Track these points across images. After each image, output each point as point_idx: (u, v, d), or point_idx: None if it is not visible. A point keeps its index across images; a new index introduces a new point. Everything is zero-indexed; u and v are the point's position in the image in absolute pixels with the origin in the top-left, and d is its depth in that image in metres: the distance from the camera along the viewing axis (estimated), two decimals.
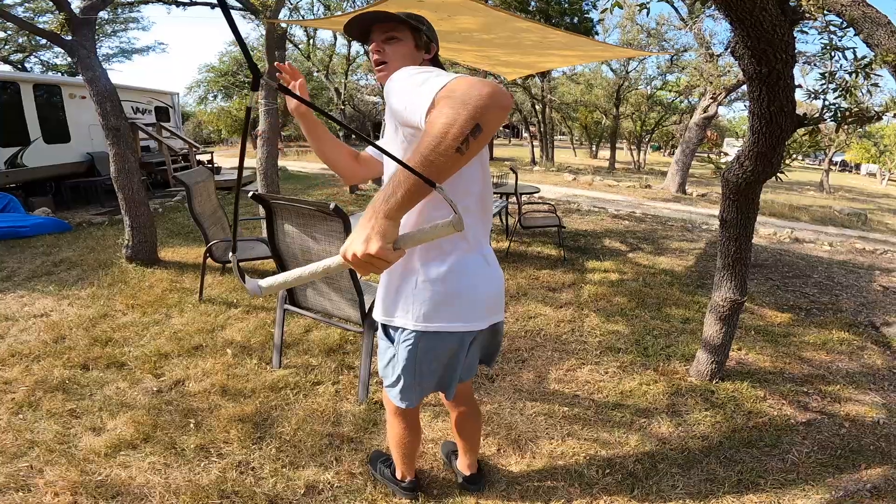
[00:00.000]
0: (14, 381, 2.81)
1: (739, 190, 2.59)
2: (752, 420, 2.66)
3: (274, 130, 5.29)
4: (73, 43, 4.44)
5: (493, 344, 1.75)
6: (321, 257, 2.61)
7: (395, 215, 0.98)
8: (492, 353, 1.78)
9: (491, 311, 1.55)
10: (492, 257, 1.57)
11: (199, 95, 26.68)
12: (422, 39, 1.52)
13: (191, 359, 3.10)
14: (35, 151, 7.98)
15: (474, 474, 2.09)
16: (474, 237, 1.46)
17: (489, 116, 0.92)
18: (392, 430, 1.88)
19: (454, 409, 1.95)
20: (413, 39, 1.50)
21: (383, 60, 1.48)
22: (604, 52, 5.36)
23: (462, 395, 1.90)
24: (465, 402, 1.93)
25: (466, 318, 1.49)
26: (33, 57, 17.93)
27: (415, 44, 1.51)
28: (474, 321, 1.51)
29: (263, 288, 1.07)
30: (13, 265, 4.87)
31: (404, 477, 2.02)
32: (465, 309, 1.47)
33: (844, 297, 4.72)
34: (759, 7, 1.77)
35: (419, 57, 1.52)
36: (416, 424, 1.89)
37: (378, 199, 0.98)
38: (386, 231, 0.97)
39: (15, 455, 2.22)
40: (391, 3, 3.29)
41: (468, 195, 1.39)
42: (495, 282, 1.55)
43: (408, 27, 1.49)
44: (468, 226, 1.33)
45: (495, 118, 0.94)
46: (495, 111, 0.93)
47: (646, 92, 22.26)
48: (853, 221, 10.89)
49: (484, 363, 1.81)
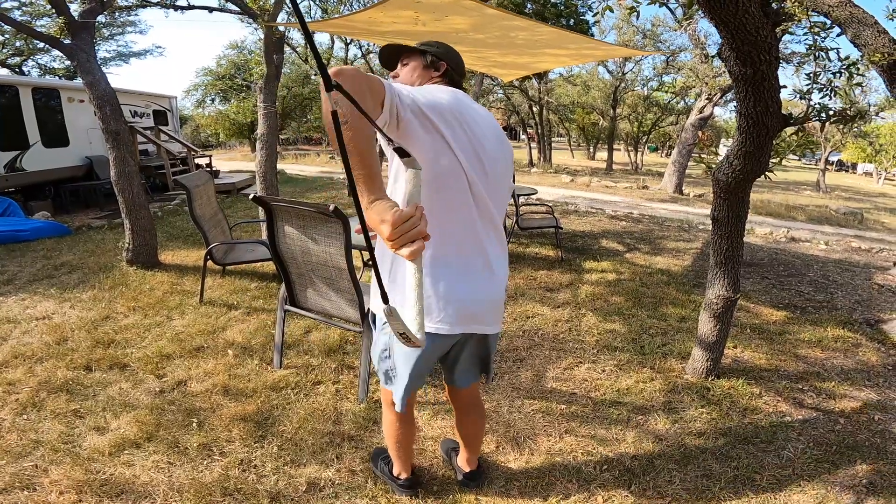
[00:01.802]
0: (18, 383, 2.83)
1: (730, 189, 2.63)
2: (748, 417, 2.69)
3: (273, 133, 5.32)
4: (72, 47, 4.47)
5: (479, 356, 1.82)
6: (321, 258, 2.65)
7: (368, 201, 1.06)
8: (481, 367, 1.87)
9: (464, 320, 1.56)
10: (475, 264, 1.56)
11: (197, 99, 26.66)
12: (427, 59, 1.67)
13: (192, 360, 3.13)
14: (34, 155, 8.00)
15: (473, 471, 2.13)
16: (435, 240, 1.40)
17: (340, 78, 1.04)
18: (387, 422, 1.93)
19: (460, 408, 1.98)
20: (420, 60, 1.68)
21: (396, 75, 1.73)
22: (596, 51, 5.39)
23: (469, 396, 1.93)
24: (472, 404, 1.97)
25: (435, 321, 1.52)
26: (31, 60, 17.93)
27: (422, 63, 1.68)
28: (441, 325, 1.53)
29: (420, 338, 1.06)
30: (14, 269, 4.89)
31: (400, 474, 2.06)
32: (433, 312, 1.51)
33: (840, 294, 4.77)
34: (742, 10, 1.81)
35: (428, 73, 1.67)
36: (411, 417, 1.94)
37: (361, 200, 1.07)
38: (379, 211, 1.02)
39: (20, 455, 2.25)
40: (390, 4, 3.33)
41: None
42: (467, 289, 1.55)
43: (417, 52, 1.69)
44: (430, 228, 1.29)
45: (346, 76, 1.08)
46: (344, 74, 1.07)
47: (642, 93, 22.35)
48: (849, 220, 10.95)
49: (483, 373, 1.88)
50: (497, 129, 1.59)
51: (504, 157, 1.59)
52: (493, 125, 1.57)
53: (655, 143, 34.77)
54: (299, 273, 2.84)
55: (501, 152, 1.58)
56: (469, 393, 1.92)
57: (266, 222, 2.74)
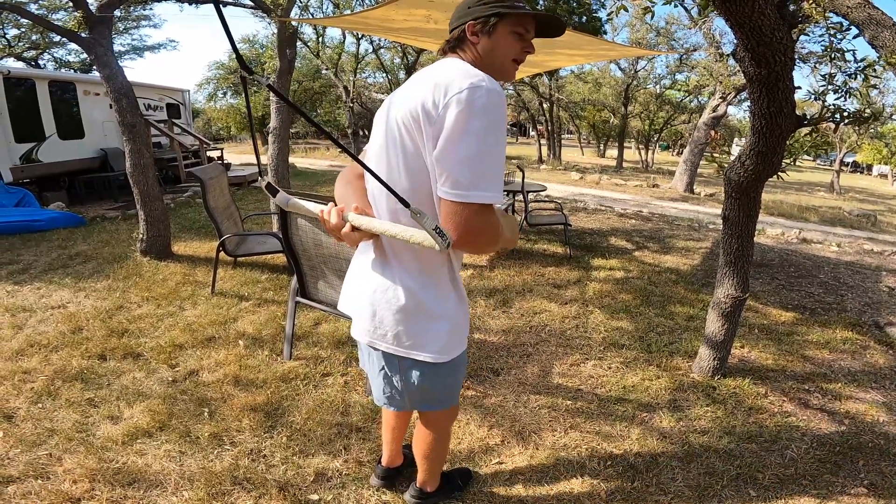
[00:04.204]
0: (33, 371, 2.89)
1: (741, 188, 2.63)
2: (753, 416, 2.70)
3: (285, 127, 5.36)
4: (90, 40, 4.53)
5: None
6: (332, 251, 2.69)
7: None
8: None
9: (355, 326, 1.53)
10: (355, 267, 1.56)
11: (209, 92, 26.86)
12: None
13: (204, 350, 3.18)
14: (50, 147, 8.12)
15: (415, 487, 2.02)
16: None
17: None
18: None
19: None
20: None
21: (522, 62, 1.40)
22: (611, 52, 5.39)
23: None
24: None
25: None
26: (46, 54, 18.13)
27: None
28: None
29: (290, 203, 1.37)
30: (29, 258, 4.98)
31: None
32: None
33: (850, 297, 4.74)
34: (758, 12, 1.82)
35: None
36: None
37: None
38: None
39: (35, 443, 2.29)
40: (403, 2, 3.35)
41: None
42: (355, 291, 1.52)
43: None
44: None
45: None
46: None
47: (655, 91, 22.20)
48: (862, 222, 10.84)
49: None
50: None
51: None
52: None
53: (667, 142, 34.53)
54: (311, 265, 2.88)
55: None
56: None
57: (279, 215, 2.78)
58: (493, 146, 1.14)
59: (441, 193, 1.16)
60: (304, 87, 24.35)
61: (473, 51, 1.33)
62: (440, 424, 1.75)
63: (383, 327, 1.42)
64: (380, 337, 1.44)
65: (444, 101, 1.13)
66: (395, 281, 1.38)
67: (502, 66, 1.34)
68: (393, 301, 1.38)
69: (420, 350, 1.41)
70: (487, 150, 1.13)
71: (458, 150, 1.12)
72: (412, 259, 1.36)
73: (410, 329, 1.40)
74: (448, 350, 1.43)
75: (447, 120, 1.12)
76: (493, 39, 1.30)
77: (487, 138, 1.13)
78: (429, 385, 1.50)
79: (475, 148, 1.12)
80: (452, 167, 1.13)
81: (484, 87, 1.13)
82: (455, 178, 1.13)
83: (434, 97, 1.15)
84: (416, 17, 3.62)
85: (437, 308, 1.39)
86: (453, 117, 1.11)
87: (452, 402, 1.66)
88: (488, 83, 1.14)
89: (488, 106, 1.12)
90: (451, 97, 1.12)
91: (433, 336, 1.40)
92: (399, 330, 1.40)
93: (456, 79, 1.14)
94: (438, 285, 1.39)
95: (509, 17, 1.29)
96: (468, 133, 1.11)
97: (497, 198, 1.17)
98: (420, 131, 1.18)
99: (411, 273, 1.37)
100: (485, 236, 1.20)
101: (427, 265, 1.37)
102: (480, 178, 1.13)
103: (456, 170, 1.13)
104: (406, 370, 1.48)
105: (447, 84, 1.14)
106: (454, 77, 1.15)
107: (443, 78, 1.16)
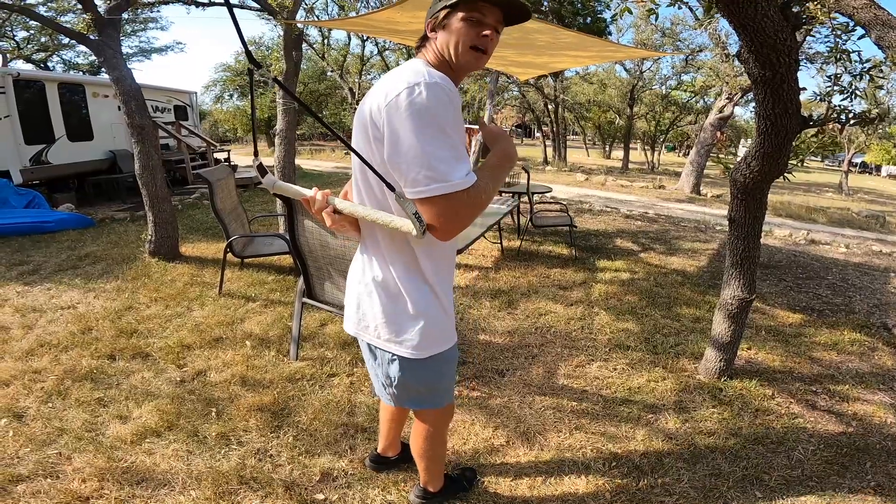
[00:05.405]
0: (43, 371, 2.93)
1: (747, 190, 2.63)
2: (760, 418, 2.69)
3: (291, 128, 5.39)
4: (99, 43, 4.57)
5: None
6: (339, 252, 2.71)
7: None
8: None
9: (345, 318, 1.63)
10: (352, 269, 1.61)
11: (216, 94, 27.05)
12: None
13: (212, 350, 3.21)
14: (59, 149, 8.18)
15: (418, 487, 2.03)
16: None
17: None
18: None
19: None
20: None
21: (486, 49, 1.33)
22: (616, 53, 5.37)
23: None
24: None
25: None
26: (55, 56, 18.30)
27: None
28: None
29: (276, 185, 1.38)
30: (39, 259, 5.03)
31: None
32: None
33: (858, 298, 4.71)
34: (762, 14, 1.82)
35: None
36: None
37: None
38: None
39: (44, 442, 2.31)
40: (409, 4, 3.36)
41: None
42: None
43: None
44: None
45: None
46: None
47: (660, 92, 22.10)
48: (871, 224, 10.76)
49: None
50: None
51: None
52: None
53: (673, 143, 34.39)
54: (317, 266, 2.90)
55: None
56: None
57: (286, 217, 2.80)
58: (438, 136, 1.17)
59: (407, 195, 1.21)
60: (310, 89, 24.47)
61: (433, 47, 1.35)
62: (432, 424, 1.77)
63: (366, 319, 1.49)
64: (363, 329, 1.52)
65: (384, 106, 1.19)
66: (378, 275, 1.44)
67: (463, 55, 1.32)
68: (374, 295, 1.45)
69: (398, 345, 1.46)
70: (433, 140, 1.17)
71: (404, 152, 1.18)
72: (396, 254, 1.41)
73: (390, 323, 1.45)
74: (425, 347, 1.46)
75: (387, 125, 1.19)
76: (447, 31, 1.32)
77: (425, 130, 1.16)
78: (409, 381, 1.54)
79: (417, 145, 1.16)
80: (403, 168, 1.19)
81: (422, 82, 1.17)
82: (412, 177, 1.19)
83: (378, 103, 1.21)
84: (420, 19, 3.63)
85: (416, 304, 1.43)
86: (392, 121, 1.18)
87: (443, 402, 1.68)
88: (427, 78, 1.18)
89: (428, 98, 1.16)
90: (390, 101, 1.18)
91: (411, 332, 1.44)
92: (379, 323, 1.46)
93: (396, 83, 1.19)
94: (419, 282, 1.43)
95: (460, 7, 1.29)
96: (408, 132, 1.17)
97: (458, 176, 1.19)
98: (370, 137, 1.25)
99: (394, 268, 1.42)
100: (462, 218, 1.24)
101: (411, 261, 1.41)
102: (433, 170, 1.17)
103: (408, 170, 1.19)
104: (387, 363, 1.54)
105: (388, 90, 1.20)
106: (396, 81, 1.20)
107: (389, 82, 1.22)
